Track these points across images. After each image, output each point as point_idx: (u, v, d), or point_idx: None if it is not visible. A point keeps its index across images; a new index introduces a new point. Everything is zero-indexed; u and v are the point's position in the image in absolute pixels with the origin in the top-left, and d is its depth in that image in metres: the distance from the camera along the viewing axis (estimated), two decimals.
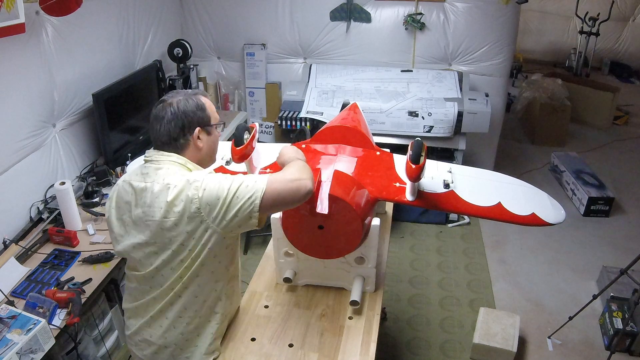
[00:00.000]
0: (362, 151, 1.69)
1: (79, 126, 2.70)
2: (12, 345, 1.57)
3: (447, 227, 3.53)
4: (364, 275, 1.64)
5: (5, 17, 1.96)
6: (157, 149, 1.36)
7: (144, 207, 1.28)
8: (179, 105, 1.33)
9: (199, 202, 1.23)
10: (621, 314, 2.50)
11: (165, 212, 1.25)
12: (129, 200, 1.33)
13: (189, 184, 1.24)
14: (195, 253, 1.28)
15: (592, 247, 3.34)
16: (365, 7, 3.59)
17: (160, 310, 1.36)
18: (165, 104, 1.33)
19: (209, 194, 1.23)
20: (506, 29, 3.50)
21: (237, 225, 1.26)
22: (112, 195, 1.40)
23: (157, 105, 1.35)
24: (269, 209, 1.27)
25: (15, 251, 2.11)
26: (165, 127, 1.32)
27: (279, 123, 3.40)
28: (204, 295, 1.37)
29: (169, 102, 1.34)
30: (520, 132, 5.09)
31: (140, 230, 1.31)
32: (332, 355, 1.43)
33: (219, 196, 1.23)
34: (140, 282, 1.38)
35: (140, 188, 1.30)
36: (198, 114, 1.35)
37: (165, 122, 1.32)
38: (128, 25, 3.11)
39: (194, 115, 1.34)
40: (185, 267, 1.30)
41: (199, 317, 1.38)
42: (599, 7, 5.97)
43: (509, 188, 1.62)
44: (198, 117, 1.35)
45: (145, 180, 1.31)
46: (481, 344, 2.40)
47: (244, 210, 1.23)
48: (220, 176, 1.28)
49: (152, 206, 1.26)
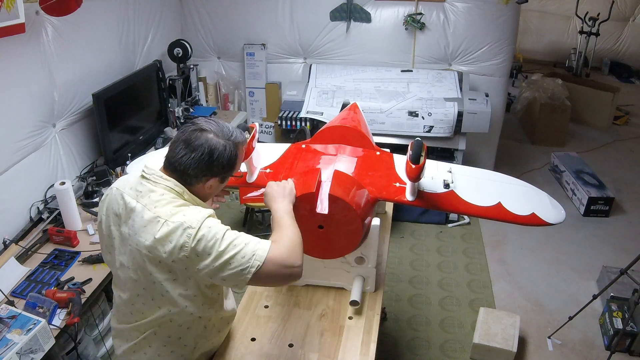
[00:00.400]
0: (362, 151, 1.69)
1: (79, 126, 2.70)
2: (12, 345, 1.57)
3: (447, 227, 3.53)
4: (364, 275, 1.64)
5: (5, 17, 1.96)
6: (164, 168, 1.26)
7: (131, 229, 1.21)
8: (213, 149, 1.21)
9: (189, 251, 1.14)
10: (621, 314, 2.50)
11: (151, 247, 1.17)
12: (119, 214, 1.25)
13: (183, 229, 1.14)
14: (170, 295, 1.22)
15: (592, 247, 3.34)
16: (365, 7, 3.59)
17: (144, 338, 1.31)
18: (202, 136, 1.21)
19: (202, 247, 1.14)
20: (506, 29, 3.50)
21: (220, 281, 1.19)
22: (104, 200, 1.32)
23: (194, 130, 1.22)
24: (256, 284, 1.22)
25: (15, 251, 2.11)
26: (187, 161, 1.20)
27: (279, 123, 3.40)
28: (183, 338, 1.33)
29: (206, 136, 1.21)
30: (520, 132, 5.09)
31: (124, 251, 1.25)
32: (332, 355, 1.43)
33: (211, 253, 1.14)
34: (124, 304, 1.32)
35: (131, 207, 1.21)
36: (225, 167, 1.25)
37: (190, 158, 1.20)
38: (128, 25, 3.11)
39: (222, 168, 1.24)
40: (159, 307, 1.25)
41: (182, 354, 1.36)
42: (599, 7, 5.97)
43: (509, 188, 1.62)
44: (223, 170, 1.25)
45: (137, 198, 1.22)
46: (481, 344, 2.39)
47: (232, 277, 1.16)
48: (218, 229, 1.17)
49: (139, 234, 1.19)
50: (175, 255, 1.15)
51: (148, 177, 1.24)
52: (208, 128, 1.23)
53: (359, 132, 1.71)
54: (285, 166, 1.65)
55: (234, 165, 1.27)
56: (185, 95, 3.61)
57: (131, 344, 1.34)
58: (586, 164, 4.06)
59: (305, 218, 1.44)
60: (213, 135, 1.22)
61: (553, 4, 6.68)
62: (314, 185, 1.40)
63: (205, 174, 1.23)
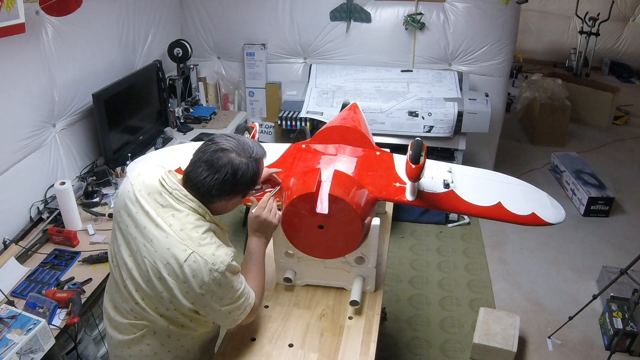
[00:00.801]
0: (362, 151, 1.69)
1: (79, 126, 2.70)
2: (12, 345, 1.57)
3: (447, 227, 3.53)
4: (364, 275, 1.64)
5: (5, 17, 1.96)
6: (184, 183, 1.25)
7: (145, 241, 1.21)
8: (237, 170, 1.21)
9: (207, 288, 1.19)
10: (621, 314, 2.50)
11: (168, 270, 1.18)
12: (132, 215, 1.24)
13: (208, 269, 1.17)
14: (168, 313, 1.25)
15: (592, 247, 3.34)
16: (365, 7, 3.59)
17: (142, 335, 1.32)
18: (223, 157, 1.21)
19: (221, 293, 1.22)
20: (506, 29, 3.50)
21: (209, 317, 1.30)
22: (119, 197, 1.30)
23: (215, 150, 1.21)
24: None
25: (15, 251, 2.11)
26: (210, 182, 1.21)
27: (279, 123, 3.40)
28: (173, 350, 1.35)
29: (228, 157, 1.21)
30: (520, 132, 5.09)
31: (130, 254, 1.25)
32: (332, 355, 1.43)
33: (222, 297, 1.23)
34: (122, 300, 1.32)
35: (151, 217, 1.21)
36: (248, 185, 1.27)
37: (214, 179, 1.20)
38: (128, 25, 3.11)
39: (245, 187, 1.26)
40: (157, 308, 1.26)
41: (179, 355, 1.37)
42: (599, 7, 5.97)
43: (509, 188, 1.62)
44: (245, 188, 1.27)
45: (157, 210, 1.21)
46: (481, 344, 2.39)
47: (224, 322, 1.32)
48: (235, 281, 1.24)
49: (156, 251, 1.19)
50: (192, 290, 1.19)
51: (170, 192, 1.23)
52: (229, 147, 1.22)
53: (359, 132, 1.71)
54: (285, 166, 1.66)
55: (256, 181, 1.29)
56: (185, 95, 3.61)
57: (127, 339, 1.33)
58: (586, 164, 4.06)
59: (305, 218, 1.44)
60: (235, 155, 1.22)
61: (553, 4, 6.68)
62: (314, 185, 1.40)
63: (228, 193, 1.25)
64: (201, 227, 1.22)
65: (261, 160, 1.31)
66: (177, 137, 3.37)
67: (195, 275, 1.17)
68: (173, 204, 1.22)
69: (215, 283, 1.19)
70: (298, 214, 1.44)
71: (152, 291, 1.23)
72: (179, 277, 1.18)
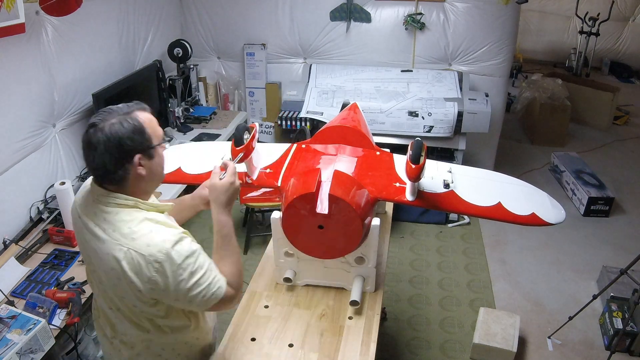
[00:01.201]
0: (362, 151, 1.69)
1: (79, 126, 2.70)
2: (12, 345, 1.57)
3: (447, 227, 3.53)
4: (364, 275, 1.64)
5: (5, 17, 1.97)
6: (96, 181, 1.20)
7: (92, 256, 1.20)
8: (112, 131, 1.13)
9: (153, 282, 1.13)
10: (621, 314, 2.50)
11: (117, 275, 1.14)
12: (81, 233, 1.22)
13: (145, 263, 1.11)
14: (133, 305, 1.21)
15: (592, 247, 3.34)
16: (365, 7, 3.59)
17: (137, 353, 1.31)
18: (97, 129, 1.13)
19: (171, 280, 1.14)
20: (506, 29, 3.50)
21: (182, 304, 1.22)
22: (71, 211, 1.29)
23: (88, 130, 1.15)
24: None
25: (15, 251, 2.12)
26: (100, 159, 1.13)
27: (279, 123, 3.40)
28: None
29: (100, 126, 1.13)
30: (520, 132, 5.09)
31: (93, 270, 1.24)
32: (332, 355, 1.43)
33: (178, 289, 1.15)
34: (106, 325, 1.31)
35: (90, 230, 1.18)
36: (136, 139, 1.15)
37: (99, 153, 1.12)
38: (128, 25, 3.11)
39: (132, 141, 1.15)
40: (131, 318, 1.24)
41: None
42: (599, 7, 5.97)
43: (509, 188, 1.62)
44: (137, 143, 1.15)
45: (95, 221, 1.18)
46: (481, 344, 2.39)
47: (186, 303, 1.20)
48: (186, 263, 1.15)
49: (102, 260, 1.16)
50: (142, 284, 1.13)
51: (97, 197, 1.19)
52: (95, 120, 1.16)
53: (359, 132, 1.71)
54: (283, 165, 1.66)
55: (142, 130, 1.17)
56: (185, 95, 3.61)
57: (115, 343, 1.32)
58: (586, 164, 4.06)
59: (305, 218, 1.44)
60: (104, 123, 1.15)
61: (553, 4, 6.68)
62: (314, 185, 1.40)
63: (124, 158, 1.15)
64: (133, 220, 1.16)
65: (136, 113, 1.19)
66: (177, 137, 3.38)
67: (137, 273, 1.12)
68: (101, 207, 1.18)
69: (160, 274, 1.12)
70: (298, 214, 1.44)
71: (119, 302, 1.21)
72: (126, 279, 1.13)
